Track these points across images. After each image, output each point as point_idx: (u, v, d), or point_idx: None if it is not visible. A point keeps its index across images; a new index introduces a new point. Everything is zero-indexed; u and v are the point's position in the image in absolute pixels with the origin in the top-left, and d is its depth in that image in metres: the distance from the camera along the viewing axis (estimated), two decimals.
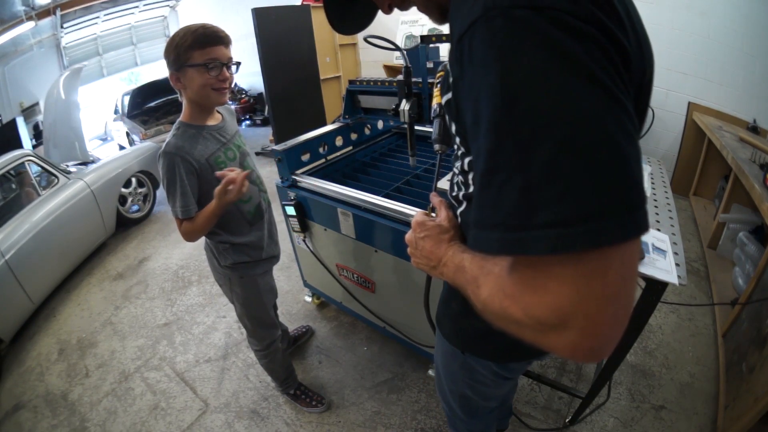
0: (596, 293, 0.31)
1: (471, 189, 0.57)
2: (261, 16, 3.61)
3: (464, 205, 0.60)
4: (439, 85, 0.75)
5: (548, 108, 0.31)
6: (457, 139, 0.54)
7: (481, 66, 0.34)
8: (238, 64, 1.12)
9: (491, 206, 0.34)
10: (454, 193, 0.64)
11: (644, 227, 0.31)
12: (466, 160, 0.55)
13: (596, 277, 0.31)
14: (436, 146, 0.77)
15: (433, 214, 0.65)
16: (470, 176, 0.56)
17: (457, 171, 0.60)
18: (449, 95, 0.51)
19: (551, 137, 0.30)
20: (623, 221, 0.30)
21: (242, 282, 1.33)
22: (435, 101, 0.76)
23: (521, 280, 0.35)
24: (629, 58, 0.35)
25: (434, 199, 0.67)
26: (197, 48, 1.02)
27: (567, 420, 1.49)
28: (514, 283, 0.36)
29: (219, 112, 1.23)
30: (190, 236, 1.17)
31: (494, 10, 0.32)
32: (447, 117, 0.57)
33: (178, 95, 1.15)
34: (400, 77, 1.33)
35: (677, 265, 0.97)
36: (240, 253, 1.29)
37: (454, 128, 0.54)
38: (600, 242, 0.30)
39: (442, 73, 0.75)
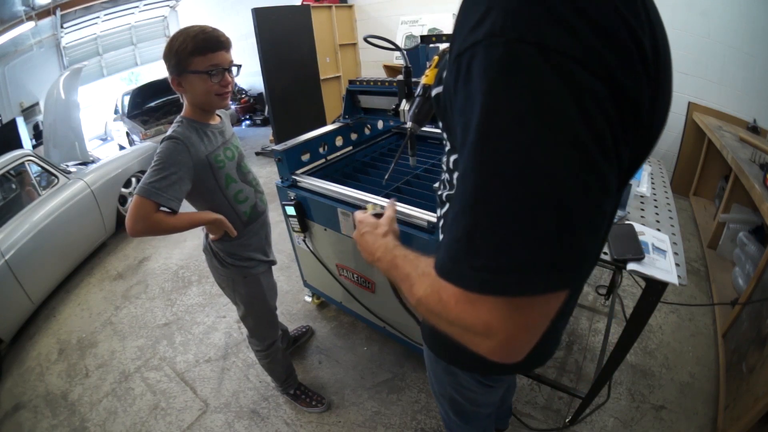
0: (520, 322, 0.35)
1: (454, 190, 0.54)
2: (261, 16, 3.62)
3: (447, 206, 0.57)
4: (430, 64, 0.76)
5: (514, 158, 0.31)
6: (445, 135, 0.52)
7: (473, 92, 0.33)
8: (238, 66, 1.11)
9: (447, 228, 0.36)
10: (440, 192, 0.61)
11: (570, 286, 0.34)
12: (452, 157, 0.52)
13: (522, 310, 0.35)
14: (409, 123, 0.78)
15: (372, 215, 0.71)
16: (455, 175, 0.53)
17: (444, 168, 0.58)
18: (440, 89, 0.49)
19: (507, 189, 0.31)
20: (551, 278, 0.33)
21: (246, 281, 1.33)
22: (423, 80, 0.77)
23: (460, 292, 0.37)
24: (640, 111, 0.34)
25: (390, 202, 0.76)
26: (198, 54, 1.00)
27: (567, 420, 1.49)
28: (453, 293, 0.38)
29: (217, 114, 1.24)
30: (151, 229, 1.00)
31: (499, 38, 0.30)
32: (434, 107, 0.56)
33: (179, 96, 1.14)
34: (400, 77, 1.33)
35: (677, 265, 0.97)
36: (241, 254, 1.29)
37: (441, 124, 0.52)
38: (526, 292, 0.33)
39: (437, 58, 0.76)
